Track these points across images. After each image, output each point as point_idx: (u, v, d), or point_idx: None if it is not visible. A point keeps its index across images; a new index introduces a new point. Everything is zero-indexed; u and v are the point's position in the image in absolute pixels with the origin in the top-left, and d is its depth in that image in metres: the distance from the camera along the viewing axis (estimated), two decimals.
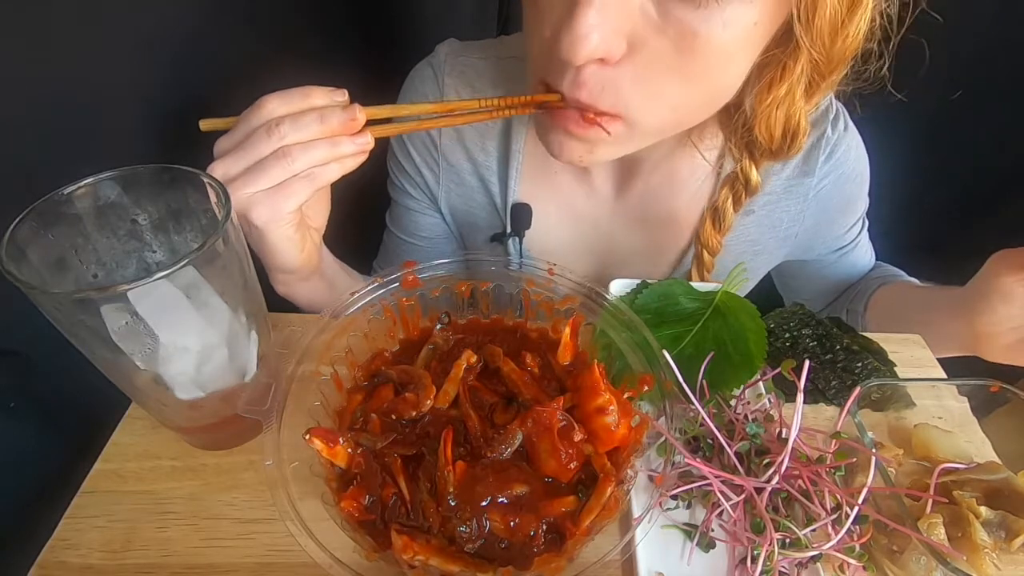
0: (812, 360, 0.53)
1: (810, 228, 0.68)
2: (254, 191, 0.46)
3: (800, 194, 0.65)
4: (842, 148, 0.64)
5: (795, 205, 0.65)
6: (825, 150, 0.63)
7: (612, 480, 0.41)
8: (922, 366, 0.60)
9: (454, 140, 0.67)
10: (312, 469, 0.41)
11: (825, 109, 0.63)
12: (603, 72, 0.44)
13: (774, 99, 0.50)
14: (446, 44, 0.67)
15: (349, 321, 0.49)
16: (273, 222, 0.48)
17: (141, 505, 0.46)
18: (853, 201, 0.70)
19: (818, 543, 0.41)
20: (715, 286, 0.60)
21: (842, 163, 0.64)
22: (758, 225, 0.67)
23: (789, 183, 0.64)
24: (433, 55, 0.67)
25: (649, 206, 0.67)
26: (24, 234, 0.38)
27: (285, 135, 0.45)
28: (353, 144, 0.48)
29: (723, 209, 0.62)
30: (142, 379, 0.42)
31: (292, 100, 0.47)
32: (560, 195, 0.68)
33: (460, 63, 0.66)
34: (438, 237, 0.74)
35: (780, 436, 0.47)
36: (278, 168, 0.46)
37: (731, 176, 0.61)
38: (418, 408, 0.45)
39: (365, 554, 0.38)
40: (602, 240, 0.71)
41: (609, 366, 0.49)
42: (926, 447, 0.49)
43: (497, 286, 0.53)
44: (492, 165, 0.67)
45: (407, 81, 0.69)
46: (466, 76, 0.65)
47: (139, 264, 0.46)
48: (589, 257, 0.72)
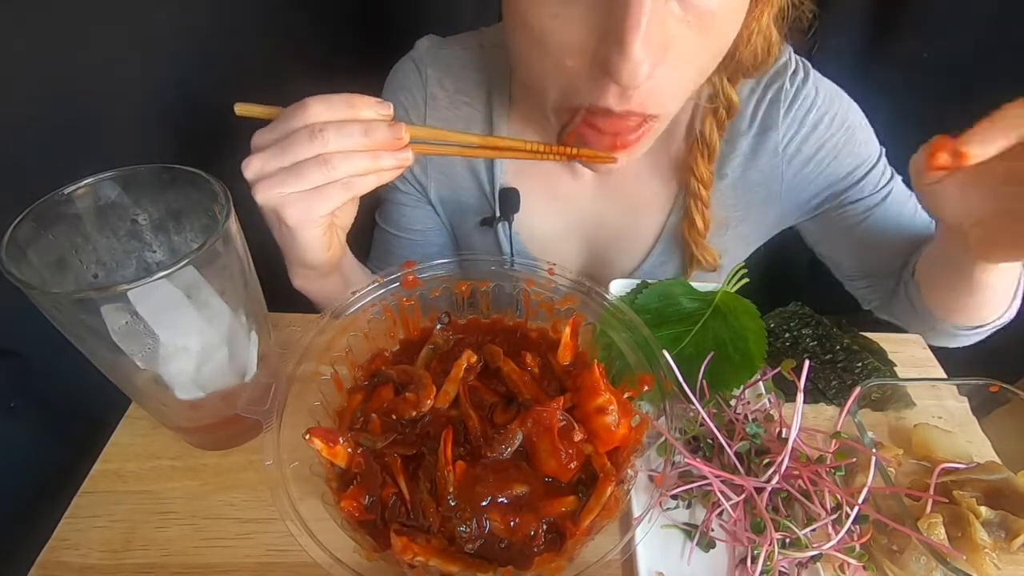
0: (812, 360, 0.53)
1: (798, 183, 0.67)
2: (289, 192, 0.46)
3: (769, 151, 0.65)
4: (801, 98, 0.64)
5: (767, 162, 0.66)
6: (784, 103, 0.63)
7: (612, 480, 0.41)
8: (922, 366, 0.60)
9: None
10: (312, 469, 0.41)
11: (783, 64, 0.64)
12: (647, 84, 0.45)
13: (757, 29, 0.52)
14: (426, 39, 0.68)
15: (349, 321, 0.49)
16: (306, 223, 0.48)
17: (141, 505, 0.46)
18: (841, 145, 0.67)
19: (818, 543, 0.41)
20: (715, 286, 0.60)
21: (806, 111, 0.64)
22: (733, 188, 0.67)
23: (755, 141, 0.65)
24: (414, 50, 0.68)
25: (630, 179, 0.68)
26: (24, 234, 0.38)
27: (328, 141, 0.45)
28: (394, 159, 0.48)
29: (709, 137, 0.63)
30: (142, 379, 0.42)
31: (336, 107, 0.46)
32: (545, 177, 0.69)
33: (443, 55, 0.67)
34: (430, 230, 0.75)
35: (780, 436, 0.47)
36: (318, 174, 0.46)
37: (712, 106, 0.62)
38: (418, 408, 0.45)
39: (365, 554, 0.38)
40: (588, 220, 0.72)
41: (609, 366, 0.49)
42: (926, 447, 0.49)
43: (497, 286, 0.53)
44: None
45: (390, 77, 0.70)
46: (451, 68, 0.66)
47: (139, 264, 0.46)
48: (579, 239, 0.73)
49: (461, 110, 0.67)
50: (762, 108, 0.64)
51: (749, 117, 0.64)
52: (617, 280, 0.61)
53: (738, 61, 0.55)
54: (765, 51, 0.56)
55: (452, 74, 0.66)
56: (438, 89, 0.66)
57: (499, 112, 0.66)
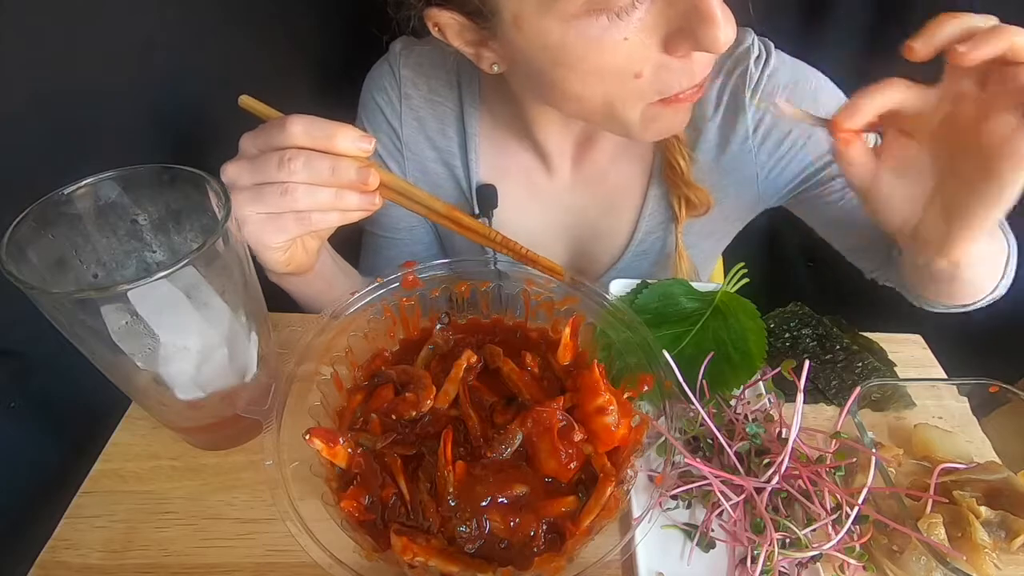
0: (812, 360, 0.53)
1: (774, 165, 0.67)
2: (250, 211, 0.47)
3: (739, 135, 0.65)
4: (765, 79, 0.64)
5: (738, 147, 0.66)
6: (750, 86, 0.64)
7: (612, 480, 0.41)
8: (922, 366, 0.60)
9: (415, 130, 0.69)
10: (312, 469, 0.41)
11: (746, 49, 0.64)
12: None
13: None
14: (399, 41, 0.69)
15: (349, 321, 0.49)
16: (259, 245, 0.49)
17: (141, 505, 0.46)
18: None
19: (818, 543, 0.41)
20: (715, 286, 0.60)
21: (770, 93, 0.64)
22: (709, 172, 0.67)
23: (724, 126, 0.65)
24: (388, 53, 0.70)
25: (602, 168, 0.69)
26: (24, 234, 0.38)
27: (294, 172, 0.45)
28: (359, 200, 0.47)
29: None
30: (142, 379, 0.42)
31: (316, 135, 0.45)
32: (520, 174, 0.70)
33: (414, 57, 0.68)
34: (415, 228, 0.76)
35: (780, 436, 0.47)
36: (277, 201, 0.46)
37: None
38: (418, 408, 0.45)
39: (365, 554, 0.38)
40: (567, 214, 0.72)
41: (609, 366, 0.49)
42: (926, 447, 0.49)
43: (497, 286, 0.53)
44: (454, 149, 0.70)
45: (367, 78, 0.71)
46: (422, 68, 0.68)
47: (139, 264, 0.46)
48: (560, 234, 0.74)
49: (435, 108, 0.68)
50: (726, 93, 0.64)
51: (714, 102, 0.65)
52: (617, 280, 0.61)
53: None
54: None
55: (424, 74, 0.68)
56: (412, 89, 0.68)
57: (470, 110, 0.67)
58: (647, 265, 0.74)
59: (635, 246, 0.72)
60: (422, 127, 0.69)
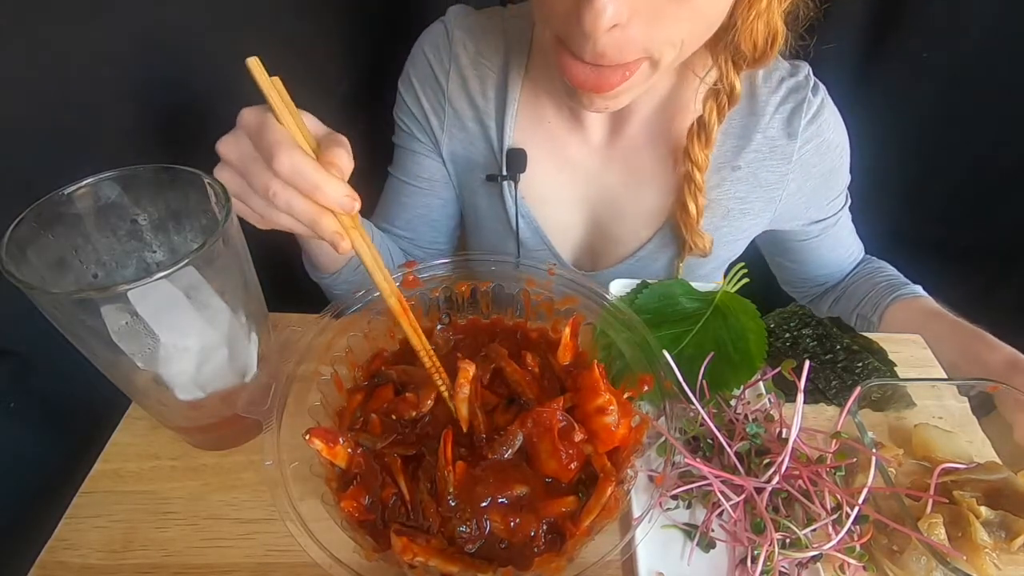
0: (812, 360, 0.53)
1: (793, 193, 0.70)
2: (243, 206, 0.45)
3: (784, 155, 0.67)
4: (824, 115, 0.67)
5: (779, 166, 0.68)
6: (807, 114, 0.66)
7: (612, 480, 0.41)
8: (922, 366, 0.60)
9: (459, 86, 0.71)
10: (312, 469, 0.41)
11: (805, 76, 0.67)
12: (618, 34, 0.47)
13: (757, 12, 0.53)
14: (457, 6, 0.72)
15: (349, 321, 0.49)
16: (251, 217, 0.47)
17: (141, 505, 0.46)
18: (835, 172, 0.72)
19: (818, 543, 0.41)
20: (715, 286, 0.60)
21: (824, 129, 0.67)
22: (745, 182, 0.69)
23: (774, 142, 0.67)
24: (445, 15, 0.72)
25: (640, 150, 0.70)
26: (24, 234, 0.38)
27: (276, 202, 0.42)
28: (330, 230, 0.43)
29: (708, 121, 0.63)
30: (142, 379, 0.42)
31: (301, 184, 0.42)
32: (553, 143, 0.71)
33: (469, 21, 0.71)
34: (437, 182, 0.77)
35: (780, 436, 0.47)
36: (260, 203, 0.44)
37: (715, 89, 0.63)
38: (418, 408, 0.45)
39: (365, 554, 0.38)
40: (594, 190, 0.73)
41: (609, 366, 0.49)
42: (926, 447, 0.49)
43: (497, 286, 0.53)
44: (491, 111, 0.71)
45: (421, 36, 0.73)
46: (473, 32, 0.71)
47: (139, 264, 0.46)
48: (584, 210, 0.75)
49: (479, 70, 0.70)
50: (784, 112, 0.66)
51: (770, 116, 0.66)
52: (617, 280, 0.61)
53: (737, 44, 0.56)
54: (767, 40, 0.56)
55: (475, 37, 0.71)
56: (461, 49, 0.70)
57: (514, 78, 0.69)
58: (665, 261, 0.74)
59: (655, 240, 0.72)
60: (465, 85, 0.71)
